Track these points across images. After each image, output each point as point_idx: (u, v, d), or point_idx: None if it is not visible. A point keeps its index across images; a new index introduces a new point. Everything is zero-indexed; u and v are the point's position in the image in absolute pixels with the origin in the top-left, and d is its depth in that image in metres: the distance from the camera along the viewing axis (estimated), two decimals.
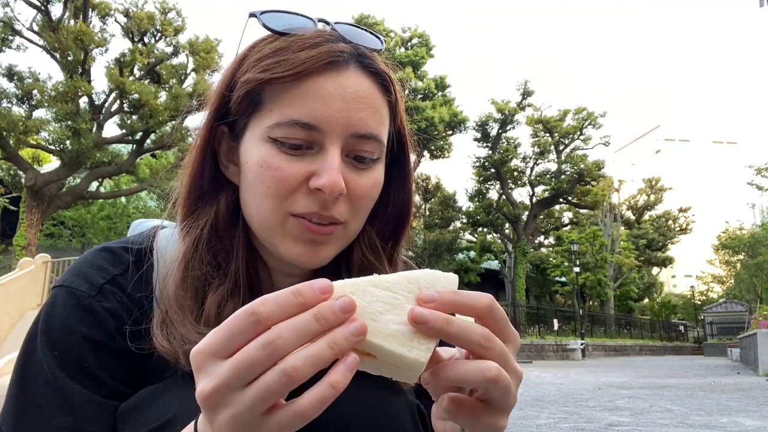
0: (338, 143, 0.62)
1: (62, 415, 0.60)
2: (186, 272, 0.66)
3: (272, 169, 0.62)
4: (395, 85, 0.69)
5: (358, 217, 0.67)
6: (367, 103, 0.64)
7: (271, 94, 0.63)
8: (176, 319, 0.64)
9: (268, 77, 0.62)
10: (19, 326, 11.28)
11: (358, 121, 0.63)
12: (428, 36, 28.24)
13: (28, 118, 17.84)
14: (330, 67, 0.63)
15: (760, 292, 34.17)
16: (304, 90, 0.62)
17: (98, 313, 0.64)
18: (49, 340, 0.63)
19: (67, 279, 0.67)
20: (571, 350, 25.50)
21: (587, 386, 9.94)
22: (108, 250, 0.71)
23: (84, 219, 23.18)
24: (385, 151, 0.68)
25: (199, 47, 20.03)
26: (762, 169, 28.82)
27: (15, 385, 0.63)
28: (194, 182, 0.70)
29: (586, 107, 33.31)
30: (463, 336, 0.45)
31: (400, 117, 0.72)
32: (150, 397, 0.62)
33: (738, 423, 5.25)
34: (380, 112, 0.66)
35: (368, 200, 0.67)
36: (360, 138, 0.64)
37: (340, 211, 0.64)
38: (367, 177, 0.66)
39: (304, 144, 0.63)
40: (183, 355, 0.61)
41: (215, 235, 0.68)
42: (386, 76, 0.68)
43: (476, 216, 33.25)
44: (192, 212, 0.70)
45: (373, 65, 0.67)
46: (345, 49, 0.64)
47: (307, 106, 0.62)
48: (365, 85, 0.65)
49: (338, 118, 0.62)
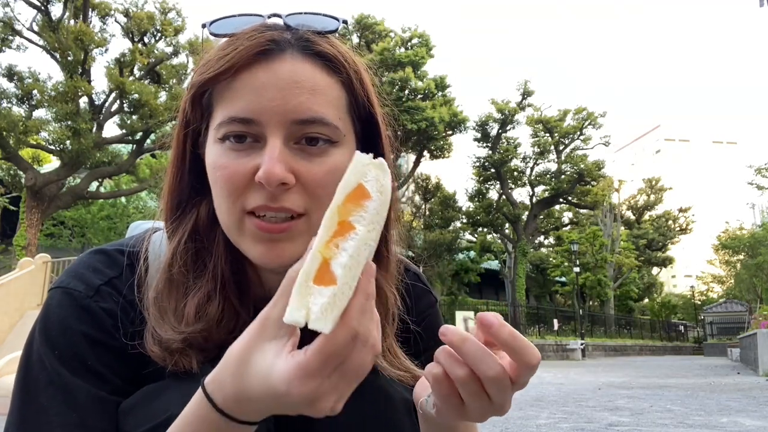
0: (278, 132, 0.61)
1: (67, 413, 0.60)
2: (169, 275, 0.67)
3: (222, 169, 0.62)
4: (348, 63, 0.66)
5: (321, 207, 0.62)
6: (306, 87, 0.62)
7: (216, 96, 0.64)
8: (155, 322, 0.64)
9: (205, 79, 0.63)
10: (19, 326, 11.27)
11: (296, 106, 0.61)
12: (428, 36, 28.21)
13: (28, 118, 17.85)
14: (261, 57, 0.62)
15: (760, 292, 34.19)
16: (239, 85, 0.62)
17: (96, 312, 0.65)
18: (49, 340, 0.64)
19: (63, 281, 0.68)
20: (571, 350, 25.50)
21: (587, 386, 9.94)
22: (103, 253, 0.71)
23: (84, 219, 23.18)
24: (343, 133, 0.65)
25: (199, 47, 20.02)
26: (762, 169, 28.83)
27: (19, 387, 0.64)
28: (172, 191, 0.70)
29: (586, 107, 33.34)
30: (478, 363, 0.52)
31: (365, 95, 0.69)
32: (151, 394, 0.62)
33: (738, 423, 5.25)
34: (325, 94, 0.64)
35: (326, 188, 0.62)
36: (302, 123, 0.62)
37: (295, 202, 0.62)
38: (321, 163, 0.63)
39: (250, 138, 0.62)
40: (168, 355, 0.62)
41: (196, 239, 0.69)
42: (330, 56, 0.65)
43: (476, 216, 33.24)
44: (174, 218, 0.70)
45: (312, 47, 0.65)
46: (279, 37, 0.64)
47: (243, 100, 0.61)
48: (303, 69, 0.63)
49: (273, 107, 0.61)
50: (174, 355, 0.62)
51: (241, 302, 0.68)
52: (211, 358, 0.63)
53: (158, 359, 0.63)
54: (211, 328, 0.64)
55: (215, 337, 0.65)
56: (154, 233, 0.75)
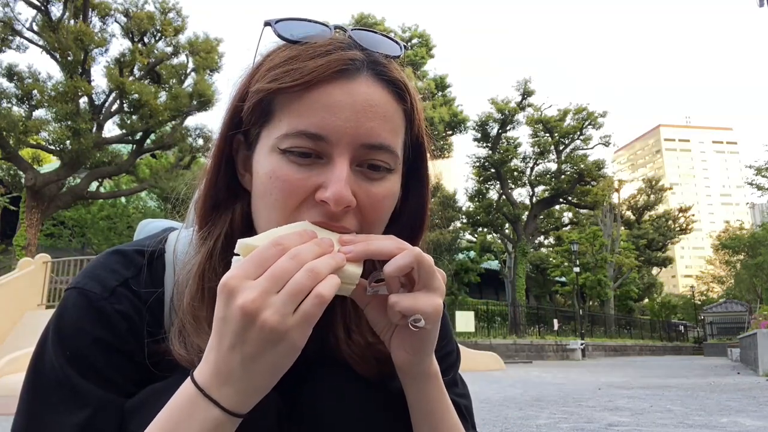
0: (347, 154, 0.61)
1: (75, 412, 0.61)
2: (202, 282, 0.67)
3: (280, 180, 0.62)
4: (411, 92, 0.68)
5: (372, 229, 0.65)
6: (379, 113, 0.63)
7: (281, 104, 0.63)
8: (191, 330, 0.65)
9: (276, 87, 0.62)
10: (19, 326, 11.26)
11: (369, 131, 0.62)
12: (428, 36, 28.23)
13: (28, 118, 17.84)
14: (339, 76, 0.62)
15: (760, 292, 34.22)
16: (312, 99, 0.61)
17: (110, 315, 0.65)
18: (61, 340, 0.64)
19: (80, 281, 0.68)
20: (571, 350, 25.49)
21: (587, 386, 9.94)
22: (120, 253, 0.72)
23: (84, 219, 23.18)
24: (400, 161, 0.67)
25: (199, 47, 20.03)
26: (762, 169, 28.86)
27: (28, 385, 0.64)
28: (209, 191, 0.70)
29: (586, 107, 33.25)
30: (383, 248, 0.59)
31: (418, 125, 0.70)
32: (156, 394, 0.62)
33: (738, 423, 5.24)
34: (393, 122, 0.65)
35: (380, 212, 0.65)
36: (371, 148, 0.62)
37: (351, 223, 0.63)
38: (379, 188, 0.64)
39: (313, 154, 0.62)
40: (198, 361, 0.62)
41: (230, 245, 0.69)
42: (401, 84, 0.66)
43: (476, 216, 33.25)
44: (208, 221, 0.70)
45: (386, 73, 0.65)
46: (356, 57, 0.63)
47: (315, 116, 0.61)
48: (377, 94, 0.63)
49: (347, 128, 0.61)
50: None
51: None
52: None
53: (185, 362, 0.63)
54: None
55: None
56: (170, 233, 0.76)
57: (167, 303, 0.70)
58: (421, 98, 0.73)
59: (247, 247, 0.56)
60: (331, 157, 0.61)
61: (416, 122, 0.69)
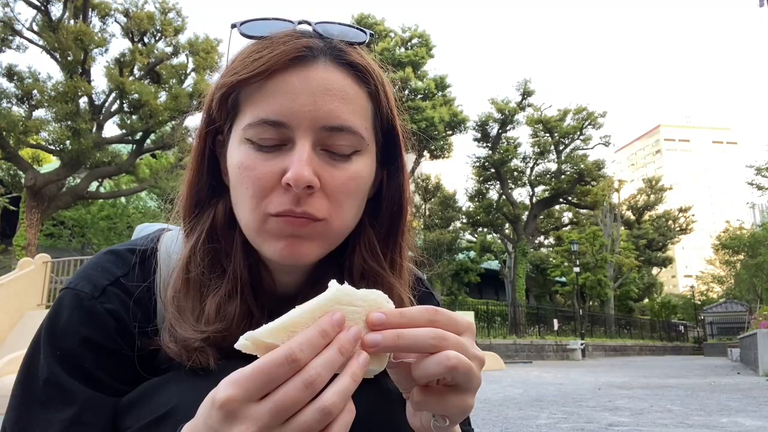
0: (308, 137, 0.62)
1: (64, 408, 0.62)
2: (186, 275, 0.68)
3: (248, 170, 0.63)
4: (375, 74, 0.68)
5: (340, 213, 0.66)
6: (337, 95, 0.64)
7: (244, 97, 0.65)
8: (174, 321, 0.66)
9: (237, 80, 0.64)
10: (19, 326, 11.25)
11: (327, 113, 0.63)
12: (428, 36, 28.20)
13: (28, 118, 17.83)
14: (296, 63, 0.63)
15: (760, 292, 34.20)
16: (271, 88, 0.63)
17: (100, 314, 0.66)
18: (53, 340, 0.65)
19: (73, 281, 0.69)
20: (571, 350, 25.50)
21: (587, 386, 9.94)
22: (113, 253, 0.73)
23: (84, 219, 23.16)
24: (368, 143, 0.67)
25: (199, 47, 20.03)
26: (762, 169, 28.85)
27: (19, 383, 0.65)
28: (191, 189, 0.72)
29: (586, 107, 33.24)
30: (416, 343, 0.50)
31: (389, 107, 0.71)
32: (152, 389, 0.63)
33: (738, 423, 5.25)
34: (354, 103, 0.65)
35: (347, 194, 0.65)
36: (331, 130, 0.63)
37: (317, 207, 0.63)
38: (345, 170, 0.65)
39: (278, 141, 0.63)
40: (186, 353, 0.63)
41: (214, 239, 0.70)
42: (361, 67, 0.67)
43: (476, 216, 33.24)
44: (191, 217, 0.71)
45: (345, 56, 0.66)
46: (313, 44, 0.65)
47: (274, 103, 0.62)
48: (334, 77, 0.64)
49: (305, 111, 0.62)
50: (192, 353, 0.64)
51: (256, 302, 0.70)
52: (226, 355, 0.64)
53: (175, 356, 0.64)
54: (231, 328, 0.66)
55: (233, 336, 0.66)
56: (166, 233, 0.77)
57: (159, 299, 0.71)
58: (392, 83, 0.73)
59: (256, 341, 0.46)
60: (294, 142, 0.63)
61: (383, 103, 0.70)
